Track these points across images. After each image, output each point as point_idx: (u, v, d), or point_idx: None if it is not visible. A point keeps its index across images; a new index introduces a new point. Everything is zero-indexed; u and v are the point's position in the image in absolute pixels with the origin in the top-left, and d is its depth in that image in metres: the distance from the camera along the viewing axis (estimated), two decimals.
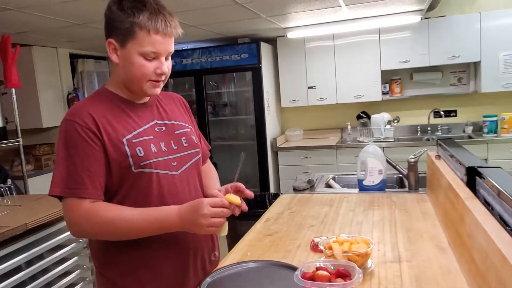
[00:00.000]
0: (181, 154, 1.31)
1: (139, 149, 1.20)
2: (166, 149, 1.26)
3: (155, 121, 1.30)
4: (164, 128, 1.31)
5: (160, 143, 1.26)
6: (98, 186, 1.15)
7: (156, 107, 1.34)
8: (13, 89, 3.15)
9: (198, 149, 1.38)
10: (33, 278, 2.11)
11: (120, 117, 1.23)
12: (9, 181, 2.47)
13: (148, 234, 1.17)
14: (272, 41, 4.88)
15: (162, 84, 1.26)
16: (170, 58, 1.26)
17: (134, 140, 1.21)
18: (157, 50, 1.18)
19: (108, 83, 1.29)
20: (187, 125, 1.39)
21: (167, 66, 1.23)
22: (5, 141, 3.01)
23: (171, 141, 1.29)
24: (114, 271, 1.25)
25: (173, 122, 1.35)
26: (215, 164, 1.46)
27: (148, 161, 1.21)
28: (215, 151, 4.82)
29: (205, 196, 1.40)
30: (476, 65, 4.38)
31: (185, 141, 1.34)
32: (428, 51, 4.28)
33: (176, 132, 1.33)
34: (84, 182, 1.13)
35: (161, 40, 1.17)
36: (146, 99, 1.31)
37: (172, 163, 1.27)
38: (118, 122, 1.21)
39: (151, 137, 1.25)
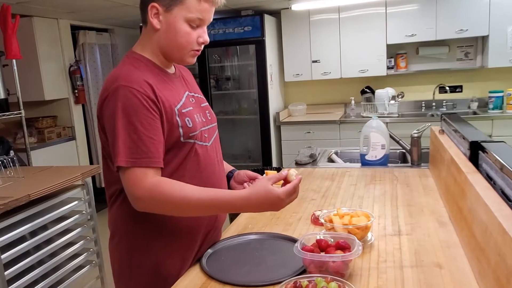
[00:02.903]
0: (209, 126, 1.32)
1: (187, 120, 1.20)
2: (200, 121, 1.27)
3: (187, 92, 1.29)
4: (194, 100, 1.30)
5: (197, 114, 1.27)
6: (161, 155, 1.13)
7: (181, 79, 1.33)
8: (14, 61, 3.12)
9: (216, 123, 1.40)
10: (37, 248, 2.15)
11: (166, 86, 1.21)
12: (11, 153, 2.48)
13: (209, 214, 1.23)
14: (276, 14, 4.79)
15: (199, 53, 1.25)
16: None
17: (183, 110, 1.20)
18: (203, 18, 1.17)
19: (141, 48, 1.23)
20: (204, 98, 1.40)
21: None
22: (7, 113, 3.00)
23: (200, 113, 1.30)
24: (139, 240, 1.23)
25: (198, 95, 1.35)
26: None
27: (196, 132, 1.21)
28: (218, 125, 4.80)
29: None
30: (484, 39, 4.30)
31: (209, 114, 1.35)
32: (435, 25, 4.20)
33: (202, 105, 1.33)
34: (150, 150, 1.10)
35: (208, 8, 1.18)
36: (173, 69, 1.30)
37: (205, 135, 1.28)
38: (166, 91, 1.19)
39: (191, 108, 1.25)
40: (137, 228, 1.22)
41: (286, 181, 1.25)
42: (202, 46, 1.23)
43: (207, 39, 1.22)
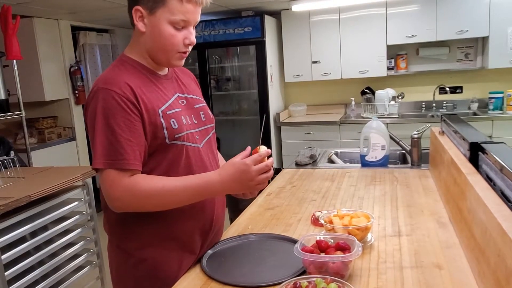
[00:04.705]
0: (201, 128, 1.31)
1: (173, 121, 1.19)
2: (190, 122, 1.26)
3: (177, 94, 1.29)
4: (185, 101, 1.30)
5: (186, 116, 1.26)
6: (138, 157, 1.13)
7: (175, 80, 1.32)
8: (14, 61, 3.13)
9: (213, 124, 1.39)
10: (38, 248, 2.15)
11: (151, 88, 1.21)
12: (12, 153, 2.48)
13: (190, 202, 1.18)
14: (276, 15, 4.79)
15: (186, 56, 1.24)
16: (194, 28, 1.23)
17: (168, 112, 1.19)
18: (187, 19, 1.16)
19: (130, 51, 1.24)
20: (202, 99, 1.39)
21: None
22: (8, 114, 3.01)
23: (192, 114, 1.29)
24: (135, 243, 1.22)
25: (192, 96, 1.34)
26: (218, 139, 1.46)
27: (182, 134, 1.20)
28: (218, 126, 4.80)
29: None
30: (484, 40, 4.30)
31: (203, 115, 1.34)
32: (436, 26, 4.20)
33: (195, 106, 1.33)
34: (127, 152, 1.10)
35: (192, 9, 1.16)
36: (166, 70, 1.30)
37: (196, 136, 1.27)
38: (150, 93, 1.19)
39: (180, 109, 1.25)
40: (134, 232, 1.22)
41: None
42: (190, 48, 1.22)
43: (193, 40, 1.21)
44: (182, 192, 1.13)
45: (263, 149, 1.17)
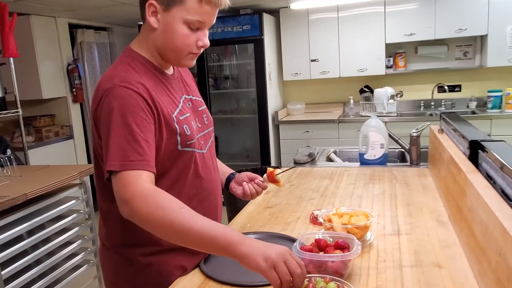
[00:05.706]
0: (205, 131, 1.28)
1: (185, 127, 1.15)
2: (197, 127, 1.23)
3: (184, 95, 1.24)
4: (191, 104, 1.25)
5: (193, 120, 1.22)
6: (154, 160, 1.04)
7: (180, 80, 1.27)
8: (11, 59, 3.11)
9: (213, 127, 1.36)
10: (35, 247, 2.13)
11: (163, 91, 1.15)
12: (9, 152, 2.47)
13: (195, 247, 0.99)
14: (275, 13, 4.78)
15: (197, 56, 1.18)
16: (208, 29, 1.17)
17: (180, 118, 1.15)
18: (203, 21, 1.11)
19: (138, 46, 1.17)
20: (203, 101, 1.35)
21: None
22: (5, 112, 2.99)
23: (197, 118, 1.25)
24: (139, 249, 1.17)
25: (196, 98, 1.30)
26: (216, 138, 1.45)
27: (193, 140, 1.16)
28: (216, 125, 4.79)
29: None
30: (482, 38, 4.30)
31: (206, 118, 1.30)
32: (434, 24, 4.19)
33: (199, 109, 1.29)
34: (146, 153, 1.01)
35: (210, 11, 1.11)
36: (172, 69, 1.25)
37: (201, 142, 1.23)
38: (163, 96, 1.13)
39: (189, 114, 1.20)
40: (137, 237, 1.15)
41: (272, 179, 1.36)
42: (202, 49, 1.17)
43: (207, 42, 1.14)
44: (196, 231, 0.95)
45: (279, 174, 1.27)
